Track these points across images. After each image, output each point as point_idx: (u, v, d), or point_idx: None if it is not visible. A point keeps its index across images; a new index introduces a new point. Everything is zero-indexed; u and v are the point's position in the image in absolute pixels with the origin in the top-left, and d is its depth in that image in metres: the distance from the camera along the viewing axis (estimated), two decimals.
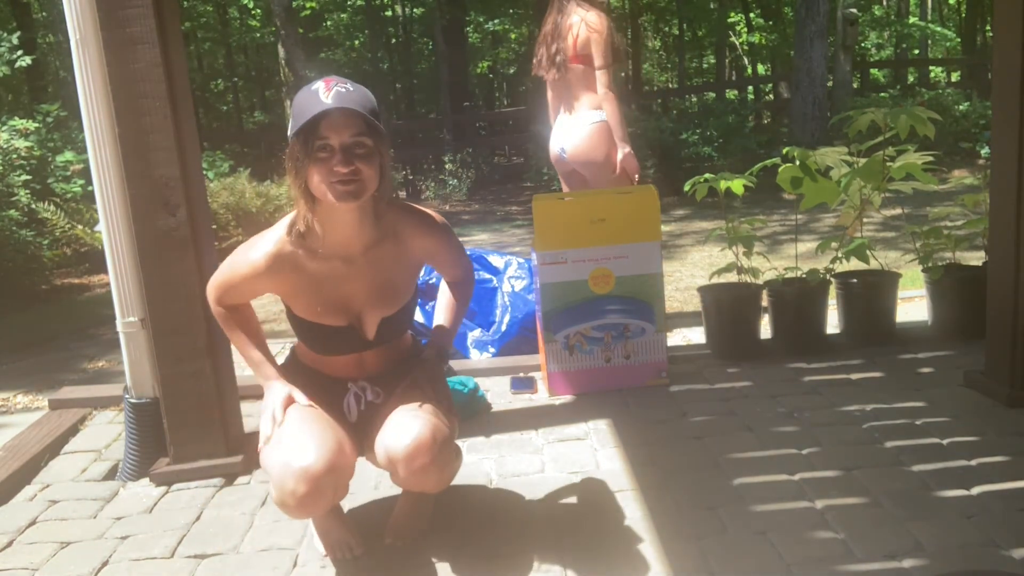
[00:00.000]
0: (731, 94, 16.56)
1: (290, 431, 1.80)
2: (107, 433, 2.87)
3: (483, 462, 2.44)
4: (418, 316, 3.36)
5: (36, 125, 7.12)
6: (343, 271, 1.84)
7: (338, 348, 1.93)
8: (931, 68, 19.07)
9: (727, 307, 3.24)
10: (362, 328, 1.90)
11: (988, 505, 2.00)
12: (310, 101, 1.68)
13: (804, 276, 3.24)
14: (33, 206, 6.06)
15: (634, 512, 2.08)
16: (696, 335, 3.72)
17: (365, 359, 1.96)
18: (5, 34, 8.37)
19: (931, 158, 3.18)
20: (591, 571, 1.84)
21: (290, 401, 1.87)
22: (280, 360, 2.03)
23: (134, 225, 2.34)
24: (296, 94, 1.75)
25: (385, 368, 1.99)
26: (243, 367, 2.21)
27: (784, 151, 3.29)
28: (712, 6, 17.93)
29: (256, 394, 2.28)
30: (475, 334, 3.54)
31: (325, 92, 1.67)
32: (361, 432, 1.93)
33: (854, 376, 2.94)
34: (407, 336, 2.07)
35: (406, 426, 1.79)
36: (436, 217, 1.98)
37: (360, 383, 1.96)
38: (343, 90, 1.68)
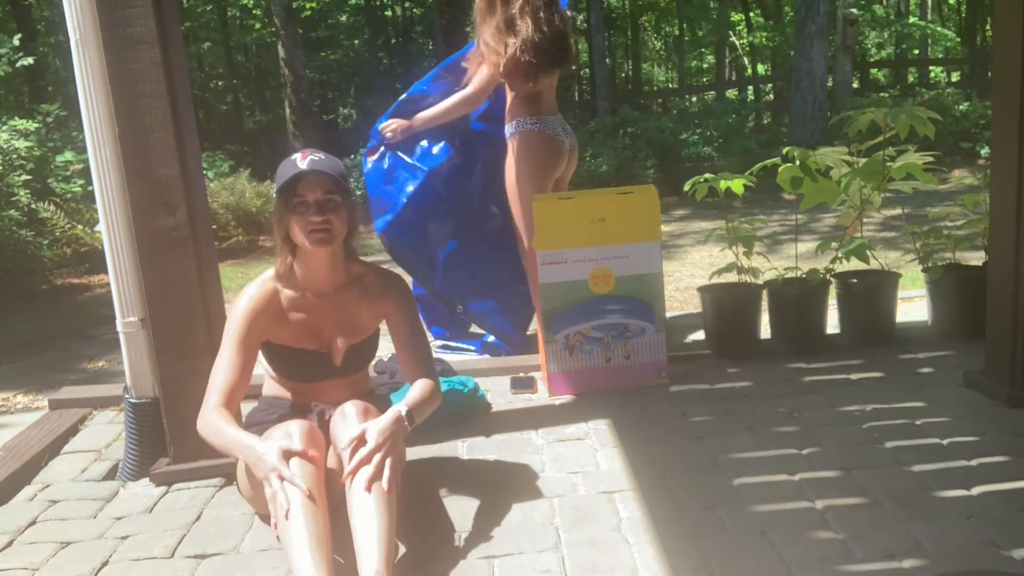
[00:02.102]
0: (731, 94, 16.54)
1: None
2: (107, 433, 2.87)
3: (483, 462, 2.44)
4: None
5: (36, 125, 7.11)
6: (316, 304, 2.16)
7: (309, 373, 2.18)
8: (931, 68, 19.04)
9: (727, 307, 3.24)
10: (331, 354, 2.17)
11: (988, 505, 2.01)
12: (289, 167, 2.06)
13: (804, 276, 3.24)
14: (33, 206, 6.06)
15: (634, 512, 2.08)
16: (696, 335, 3.72)
17: (330, 388, 2.19)
18: (5, 36, 8.37)
19: (931, 158, 3.18)
20: (591, 571, 1.84)
21: (289, 454, 1.86)
22: (248, 408, 2.22)
23: (134, 225, 2.34)
24: (280, 164, 2.11)
25: (346, 397, 2.10)
26: None
27: (784, 151, 3.29)
28: (712, 6, 17.90)
29: (256, 394, 2.28)
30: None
31: (302, 160, 2.05)
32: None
33: (854, 376, 2.94)
34: (368, 380, 2.38)
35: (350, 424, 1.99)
36: (400, 281, 2.26)
37: (322, 405, 2.16)
38: (316, 158, 2.07)
